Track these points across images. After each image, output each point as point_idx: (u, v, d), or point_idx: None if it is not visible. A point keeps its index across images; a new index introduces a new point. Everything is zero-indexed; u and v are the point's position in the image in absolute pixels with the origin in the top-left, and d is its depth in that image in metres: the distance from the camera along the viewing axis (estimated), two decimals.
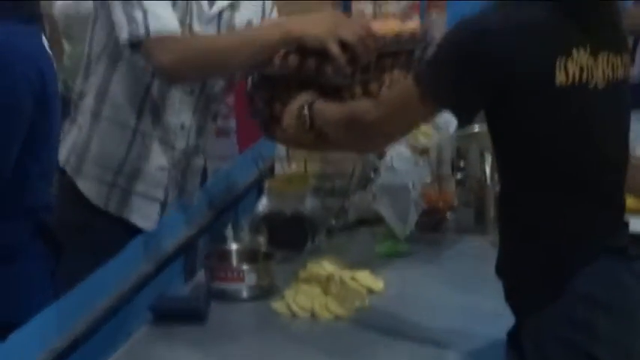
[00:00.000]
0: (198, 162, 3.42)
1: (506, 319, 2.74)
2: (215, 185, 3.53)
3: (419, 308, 2.92)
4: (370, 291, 2.95)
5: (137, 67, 3.14)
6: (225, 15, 3.26)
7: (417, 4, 4.94)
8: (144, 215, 3.29)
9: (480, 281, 3.05)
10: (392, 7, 4.56)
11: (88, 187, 3.25)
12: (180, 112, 3.25)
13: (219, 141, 4.05)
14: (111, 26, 3.07)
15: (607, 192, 2.42)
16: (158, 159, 3.30)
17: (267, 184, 3.40)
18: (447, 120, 3.91)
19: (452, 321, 2.83)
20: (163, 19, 3.01)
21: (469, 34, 2.34)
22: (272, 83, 3.05)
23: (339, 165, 3.59)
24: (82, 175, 3.25)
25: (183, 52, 3.00)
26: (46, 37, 3.10)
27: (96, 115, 3.19)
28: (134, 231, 3.15)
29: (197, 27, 3.21)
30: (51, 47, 3.16)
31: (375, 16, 4.56)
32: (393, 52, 3.07)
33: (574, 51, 2.29)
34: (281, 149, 3.66)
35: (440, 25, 5.02)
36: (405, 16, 4.66)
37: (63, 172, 3.21)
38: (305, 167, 3.54)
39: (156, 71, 3.06)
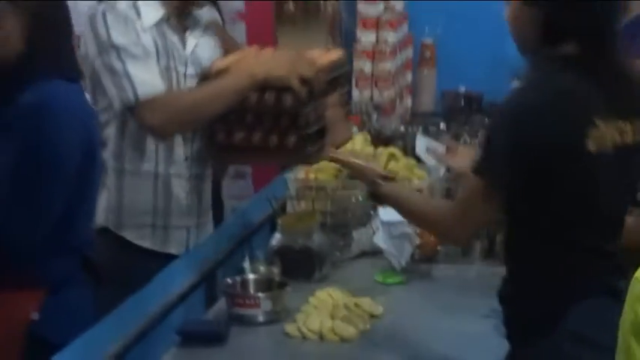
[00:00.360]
0: (207, 187, 3.44)
1: (490, 342, 2.74)
2: (233, 222, 3.53)
3: (414, 331, 2.91)
4: (371, 316, 2.94)
5: None
6: (196, 53, 3.34)
7: (410, 61, 4.96)
8: (179, 244, 3.33)
9: (468, 307, 3.08)
10: (389, 65, 4.58)
11: (132, 235, 3.28)
12: (182, 146, 3.29)
13: (236, 183, 4.06)
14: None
15: (605, 241, 2.40)
16: (178, 191, 3.32)
17: (279, 221, 3.40)
18: (438, 164, 3.93)
19: (443, 343, 2.82)
20: (148, 83, 3.09)
21: (512, 120, 2.31)
22: (230, 116, 3.13)
23: (342, 204, 3.60)
24: (124, 227, 3.27)
25: (169, 112, 3.08)
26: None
27: (119, 173, 3.20)
28: (164, 260, 3.16)
29: (179, 68, 3.28)
30: None
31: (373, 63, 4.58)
32: (331, 78, 3.24)
33: (599, 119, 2.27)
34: (292, 190, 3.68)
35: (430, 79, 5.05)
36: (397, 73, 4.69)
37: (105, 229, 3.20)
38: (313, 206, 3.54)
39: (148, 132, 3.12)
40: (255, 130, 3.13)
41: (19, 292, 2.68)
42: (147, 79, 3.09)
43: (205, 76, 3.20)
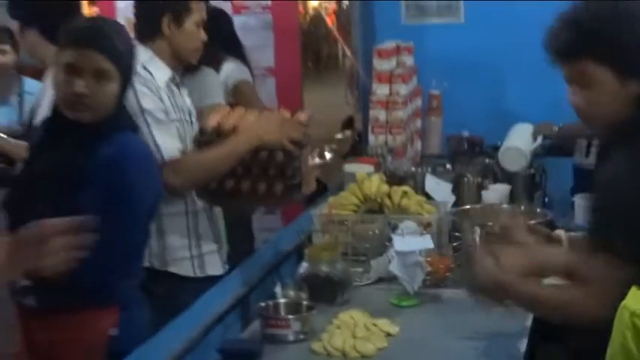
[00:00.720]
0: (220, 215, 3.53)
1: (492, 357, 2.73)
2: (264, 252, 3.53)
3: (427, 349, 2.91)
4: (388, 334, 2.94)
5: None
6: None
7: (419, 110, 4.97)
8: (215, 267, 3.41)
9: (473, 327, 3.07)
10: (401, 114, 4.59)
11: (177, 268, 3.33)
12: None
13: (267, 217, 4.07)
14: None
15: None
16: (206, 221, 3.42)
17: (306, 251, 3.38)
18: (445, 200, 3.93)
19: (451, 358, 2.83)
20: (170, 147, 3.18)
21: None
22: None
23: (361, 236, 3.60)
24: (169, 264, 3.32)
25: (189, 175, 3.20)
26: None
27: (158, 217, 3.17)
28: (205, 282, 3.24)
29: (186, 118, 3.39)
30: None
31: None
32: None
33: None
34: (317, 224, 3.69)
35: (437, 125, 5.05)
36: (408, 120, 4.69)
37: (148, 269, 3.15)
38: (335, 238, 3.54)
39: (168, 190, 3.11)
40: (244, 178, 3.24)
41: (98, 310, 2.70)
42: (169, 142, 3.18)
43: (205, 134, 3.30)
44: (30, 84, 4.97)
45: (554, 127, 4.57)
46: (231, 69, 4.58)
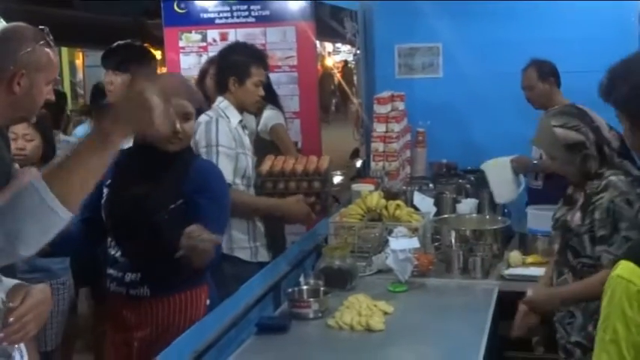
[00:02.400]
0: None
1: (465, 330, 2.71)
2: (292, 250, 3.51)
3: (415, 324, 2.88)
4: (385, 313, 2.91)
5: None
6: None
7: (409, 143, 4.96)
8: (263, 256, 3.45)
9: (450, 307, 3.06)
10: (395, 146, 4.58)
11: (243, 255, 3.40)
12: None
13: (293, 226, 4.05)
14: None
15: None
16: (258, 223, 3.47)
17: (323, 250, 3.38)
18: (429, 211, 3.91)
19: (433, 331, 2.81)
20: (228, 173, 3.18)
21: None
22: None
23: (365, 238, 3.58)
24: (234, 250, 3.37)
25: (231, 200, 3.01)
26: None
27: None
28: (257, 266, 3.29)
29: (247, 153, 3.41)
30: None
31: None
32: None
33: None
34: (331, 229, 3.68)
35: (422, 155, 5.04)
36: (400, 150, 4.68)
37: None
38: (346, 240, 3.53)
39: None
40: None
41: (198, 288, 2.70)
42: (227, 171, 3.17)
43: (260, 176, 3.52)
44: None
45: (533, 161, 4.44)
46: (269, 115, 4.60)
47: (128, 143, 2.78)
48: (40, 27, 1.97)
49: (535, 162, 4.43)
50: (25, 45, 1.91)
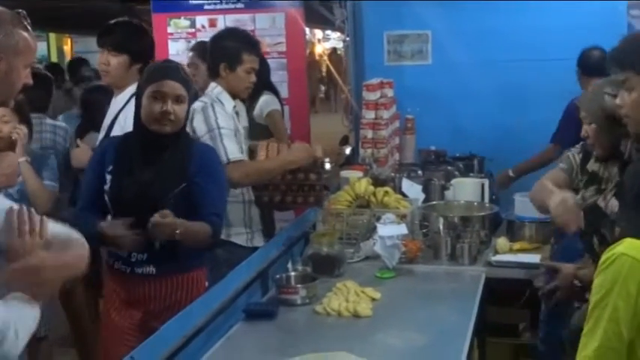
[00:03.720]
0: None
1: (451, 314, 2.71)
2: (280, 236, 3.51)
3: (402, 309, 2.89)
4: (373, 299, 2.91)
5: None
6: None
7: (398, 130, 4.95)
8: (259, 241, 3.50)
9: (437, 293, 3.07)
10: (384, 133, 4.57)
11: (239, 240, 3.47)
12: None
13: (282, 213, 4.05)
14: None
15: None
16: (255, 209, 3.54)
17: (311, 236, 3.38)
18: (417, 197, 3.91)
19: (421, 317, 2.80)
20: (234, 151, 3.27)
21: None
22: (269, 187, 3.56)
23: (353, 224, 3.58)
24: (231, 236, 3.44)
25: (246, 173, 3.30)
26: None
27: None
28: (252, 250, 3.30)
29: (241, 131, 3.46)
30: None
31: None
32: None
33: None
34: (319, 216, 3.68)
35: (411, 142, 5.03)
36: (389, 137, 4.68)
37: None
38: (334, 227, 3.53)
39: (230, 184, 3.21)
40: (286, 194, 3.58)
41: (198, 270, 2.90)
42: (234, 148, 3.28)
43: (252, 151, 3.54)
44: None
45: (510, 174, 4.56)
46: (265, 100, 4.61)
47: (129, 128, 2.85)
48: (17, 10, 1.94)
49: (511, 174, 4.55)
50: (2, 29, 1.89)
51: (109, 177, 2.78)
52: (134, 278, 2.80)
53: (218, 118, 3.30)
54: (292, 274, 3.07)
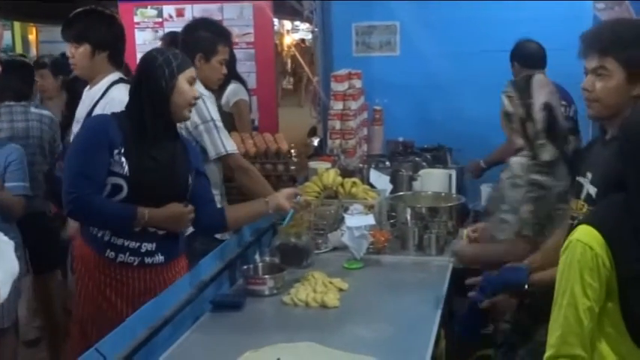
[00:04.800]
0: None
1: (419, 305, 2.72)
2: (247, 228, 3.48)
3: (369, 300, 2.88)
4: (340, 290, 2.91)
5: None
6: None
7: (366, 121, 4.96)
8: (229, 233, 3.35)
9: (404, 283, 3.07)
10: (352, 124, 4.58)
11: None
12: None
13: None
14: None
15: None
16: (226, 203, 3.47)
17: (279, 227, 3.35)
18: (385, 188, 3.92)
19: (388, 307, 2.80)
20: (232, 143, 3.36)
21: None
22: None
23: (321, 215, 3.57)
24: None
25: (242, 166, 3.38)
26: None
27: None
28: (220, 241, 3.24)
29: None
30: None
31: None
32: None
33: None
34: None
35: (379, 132, 5.04)
36: (357, 128, 4.68)
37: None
38: (302, 217, 3.51)
39: (226, 177, 3.38)
40: None
41: (183, 257, 2.92)
42: (230, 141, 3.36)
43: None
44: None
45: (482, 164, 4.60)
46: (233, 89, 4.60)
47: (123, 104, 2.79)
48: None
49: (482, 165, 4.60)
50: None
51: (122, 159, 2.64)
52: (143, 269, 2.75)
53: (210, 110, 3.31)
54: (260, 264, 3.05)
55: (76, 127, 3.36)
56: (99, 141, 2.65)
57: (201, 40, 3.40)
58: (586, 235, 1.76)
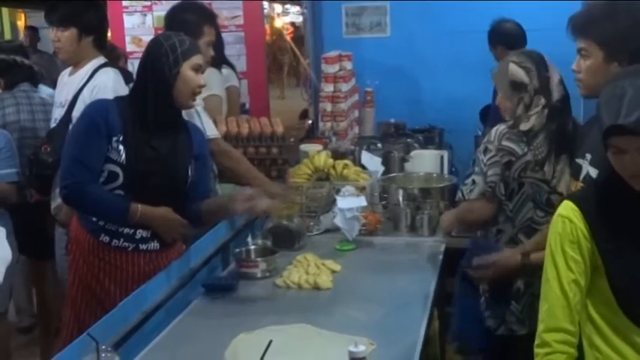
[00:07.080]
0: None
1: (411, 286, 2.72)
2: None
3: (361, 281, 2.88)
4: (333, 271, 2.91)
5: None
6: None
7: (357, 102, 4.95)
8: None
9: (397, 265, 3.07)
10: (343, 106, 4.57)
11: None
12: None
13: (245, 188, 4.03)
14: None
15: None
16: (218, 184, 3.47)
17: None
18: (376, 170, 3.92)
19: (381, 288, 2.80)
20: (213, 127, 3.32)
21: None
22: None
23: (312, 197, 3.57)
24: None
25: (225, 151, 3.36)
26: None
27: None
28: None
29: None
30: None
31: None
32: None
33: None
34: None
35: (370, 114, 5.04)
36: (348, 110, 4.67)
37: None
38: (293, 200, 3.51)
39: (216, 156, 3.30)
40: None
41: (177, 243, 2.86)
42: (212, 125, 3.33)
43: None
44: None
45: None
46: (226, 74, 4.57)
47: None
48: None
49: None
50: None
51: (120, 147, 2.61)
52: (137, 254, 2.73)
53: None
54: (252, 247, 3.05)
55: (58, 112, 3.34)
56: (97, 128, 2.61)
57: (187, 22, 3.35)
58: (566, 209, 1.83)
